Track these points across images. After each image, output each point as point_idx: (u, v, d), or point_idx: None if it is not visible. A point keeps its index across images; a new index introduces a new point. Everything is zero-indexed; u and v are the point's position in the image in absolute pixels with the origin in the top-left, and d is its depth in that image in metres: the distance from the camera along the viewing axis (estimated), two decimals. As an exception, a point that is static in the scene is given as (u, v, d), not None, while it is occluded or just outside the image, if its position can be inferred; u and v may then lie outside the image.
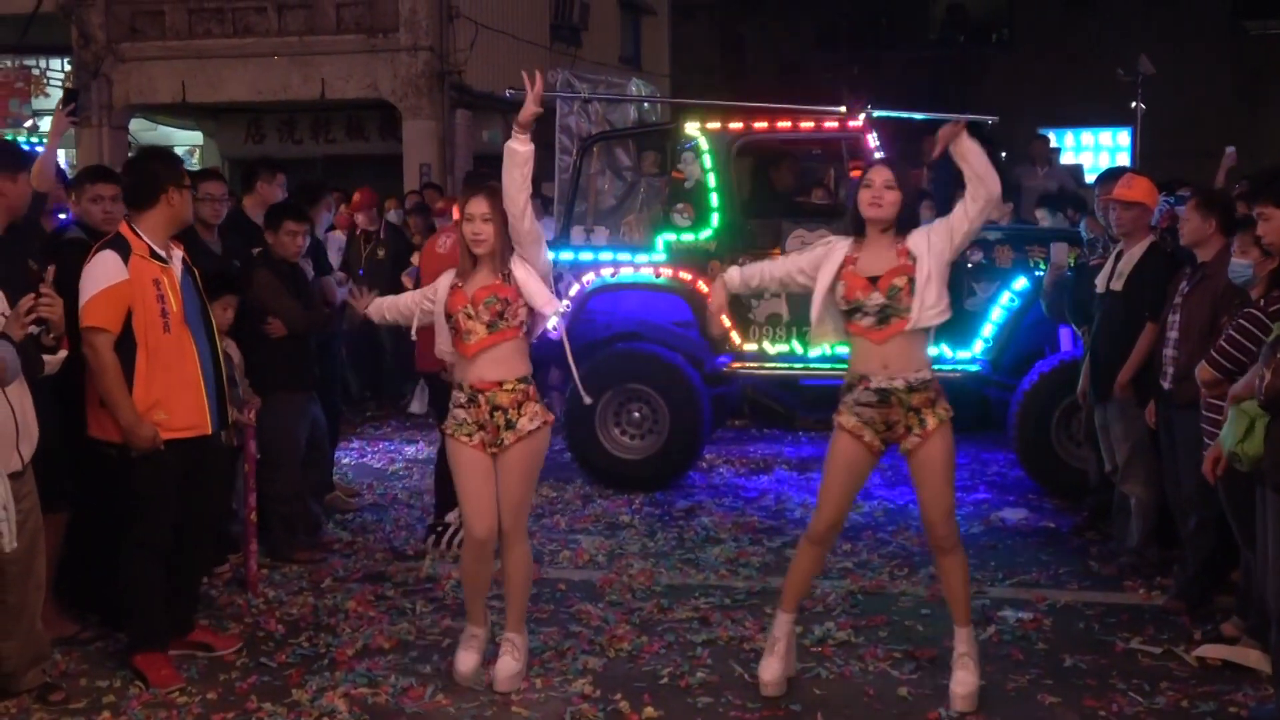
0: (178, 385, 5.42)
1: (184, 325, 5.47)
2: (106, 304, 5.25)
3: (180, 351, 5.45)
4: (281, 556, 7.14)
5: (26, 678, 5.16)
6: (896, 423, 5.06)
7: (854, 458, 5.13)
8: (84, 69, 17.40)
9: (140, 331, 5.31)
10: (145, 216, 5.46)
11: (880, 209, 5.05)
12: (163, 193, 5.48)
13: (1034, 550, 7.40)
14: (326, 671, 5.56)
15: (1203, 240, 6.11)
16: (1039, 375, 8.28)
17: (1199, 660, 5.55)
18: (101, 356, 5.24)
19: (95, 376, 5.27)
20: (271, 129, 19.17)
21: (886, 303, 5.00)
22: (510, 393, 5.25)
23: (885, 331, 5.02)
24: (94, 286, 5.26)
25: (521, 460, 5.27)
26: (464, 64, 17.25)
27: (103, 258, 5.31)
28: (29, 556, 5.02)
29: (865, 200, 5.08)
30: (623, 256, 9.06)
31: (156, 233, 5.46)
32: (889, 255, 5.06)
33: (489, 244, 5.22)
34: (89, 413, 5.44)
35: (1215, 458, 5.15)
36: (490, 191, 5.25)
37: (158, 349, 5.36)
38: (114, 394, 5.26)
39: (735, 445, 10.40)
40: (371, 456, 10.26)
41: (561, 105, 10.17)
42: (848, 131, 8.75)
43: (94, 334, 5.24)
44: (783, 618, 5.33)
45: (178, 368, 5.43)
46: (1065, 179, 13.56)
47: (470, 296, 5.23)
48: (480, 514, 5.28)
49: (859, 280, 5.05)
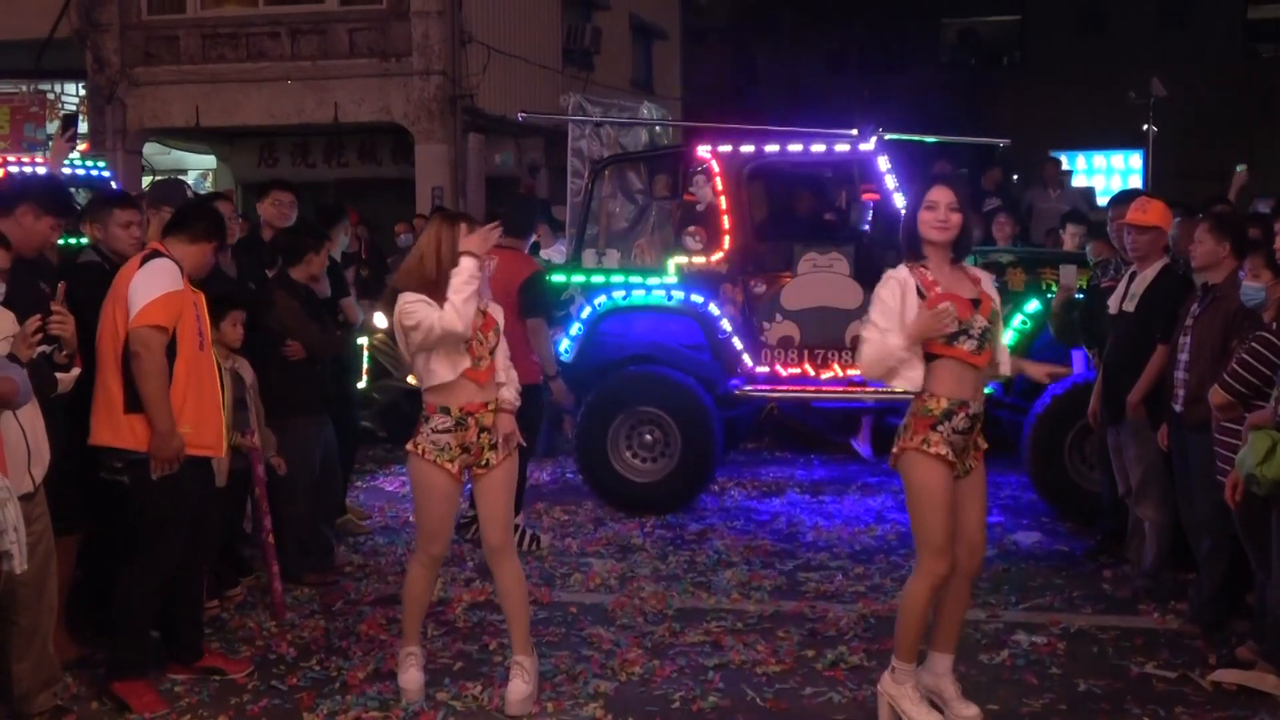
0: (206, 403, 5.55)
1: (210, 348, 5.68)
2: (166, 307, 5.34)
3: (209, 372, 5.63)
4: (293, 579, 7.13)
5: (38, 700, 5.15)
6: (966, 450, 4.95)
7: (949, 484, 4.89)
8: (98, 94, 17.52)
9: (182, 344, 5.43)
10: (186, 249, 5.61)
11: (947, 231, 4.90)
12: (207, 243, 5.68)
13: (1048, 574, 7.37)
14: (338, 695, 5.55)
15: (1216, 263, 6.08)
16: (1051, 398, 8.25)
17: (1214, 684, 5.51)
18: (156, 356, 5.31)
19: (145, 376, 5.30)
20: (285, 153, 19.26)
21: (988, 326, 4.91)
22: (493, 412, 5.37)
23: (983, 357, 4.92)
24: (158, 288, 5.34)
25: (507, 475, 5.42)
26: (476, 88, 17.32)
27: (164, 264, 5.44)
28: (41, 579, 5.02)
29: (930, 222, 4.90)
30: (634, 279, 9.07)
31: (185, 267, 5.58)
32: (966, 281, 4.96)
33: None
34: (95, 421, 5.43)
35: (1234, 482, 5.12)
36: (472, 222, 5.39)
37: (193, 365, 5.48)
38: (158, 395, 5.31)
39: (747, 468, 10.39)
40: (383, 479, 10.27)
41: (574, 129, 10.21)
42: (859, 154, 8.77)
43: (152, 333, 5.30)
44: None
45: (207, 386, 5.59)
46: (1077, 201, 13.55)
47: (479, 325, 5.31)
48: (443, 535, 5.44)
49: (964, 302, 4.87)
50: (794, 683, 5.68)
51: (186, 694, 5.57)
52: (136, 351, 5.30)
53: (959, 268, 5.01)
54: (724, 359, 8.91)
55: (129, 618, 5.50)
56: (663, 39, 25.37)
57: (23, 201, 5.51)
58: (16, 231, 5.39)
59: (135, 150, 17.93)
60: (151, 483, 5.37)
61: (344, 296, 8.01)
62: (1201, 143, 23.06)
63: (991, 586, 7.08)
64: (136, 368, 5.30)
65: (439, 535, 5.41)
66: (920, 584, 4.92)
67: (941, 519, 4.85)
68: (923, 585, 4.92)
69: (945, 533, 4.85)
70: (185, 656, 5.77)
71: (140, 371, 5.31)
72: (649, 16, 24.35)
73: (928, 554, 4.88)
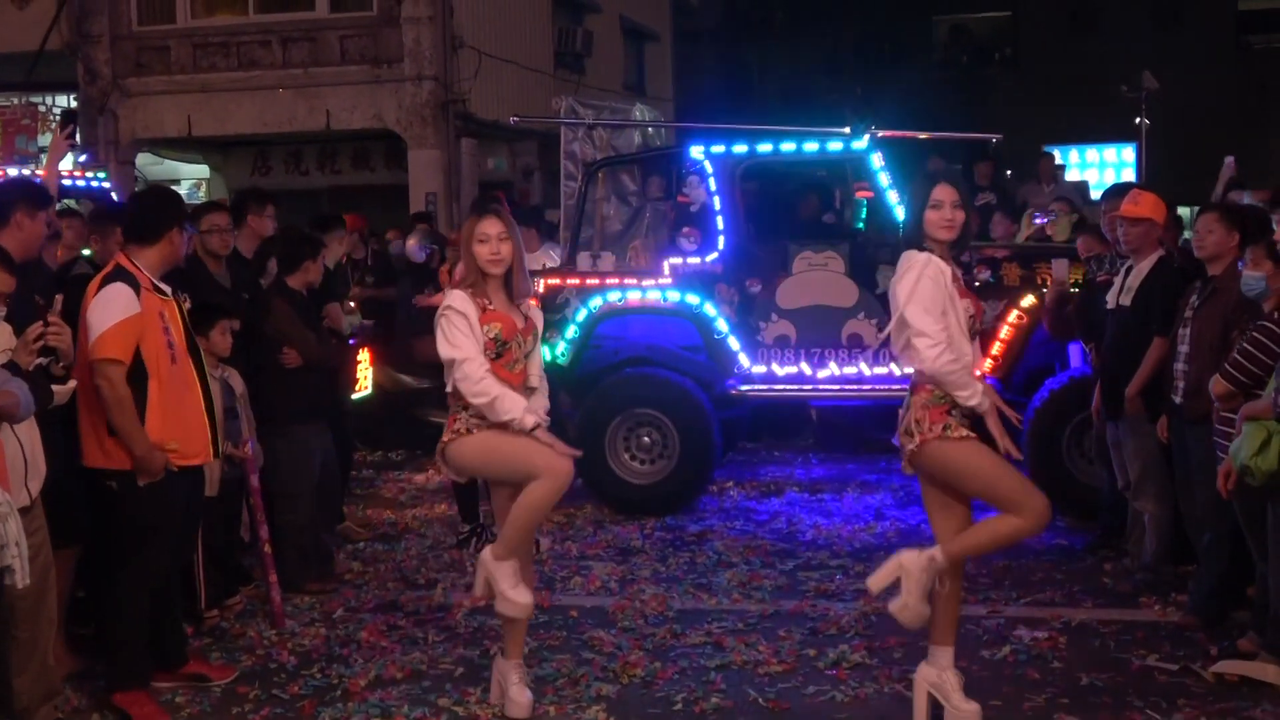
0: (187, 414, 5.53)
1: (187, 356, 5.58)
2: (120, 336, 5.27)
3: (186, 381, 5.56)
4: (293, 587, 7.12)
5: (39, 714, 5.14)
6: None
7: (990, 450, 4.95)
8: (90, 105, 17.48)
9: (151, 363, 5.37)
10: (145, 253, 5.52)
11: (953, 230, 4.96)
12: (166, 232, 5.56)
13: (1048, 569, 7.36)
14: (339, 703, 5.54)
15: (1225, 253, 6.07)
16: (1049, 392, 8.25)
17: (1216, 677, 5.51)
18: (117, 388, 5.26)
19: (110, 408, 5.28)
20: (278, 161, 19.24)
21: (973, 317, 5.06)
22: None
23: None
24: (109, 319, 5.27)
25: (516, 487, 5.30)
26: (469, 93, 17.30)
27: (116, 290, 5.33)
28: (40, 592, 5.01)
29: (937, 222, 4.94)
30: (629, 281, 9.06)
31: (154, 269, 5.53)
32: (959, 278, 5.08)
33: (507, 260, 5.20)
34: (86, 444, 5.43)
35: (1227, 472, 5.12)
36: (498, 213, 5.28)
37: (168, 380, 5.43)
38: (128, 425, 5.28)
39: (746, 468, 10.38)
40: (383, 485, 10.25)
41: (566, 132, 10.22)
42: (852, 153, 8.77)
43: (110, 366, 5.25)
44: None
45: (188, 397, 5.54)
46: (1071, 196, 13.56)
47: (520, 328, 5.22)
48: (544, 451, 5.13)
49: (972, 296, 5.09)
50: (796, 682, 5.68)
51: (187, 704, 5.56)
52: (98, 384, 5.28)
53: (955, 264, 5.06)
54: (720, 359, 8.90)
55: (125, 626, 5.49)
56: (654, 41, 25.35)
57: (16, 208, 5.49)
58: (18, 237, 5.40)
59: (128, 161, 17.87)
60: (140, 491, 5.37)
61: (331, 302, 7.97)
62: (1194, 136, 23.04)
63: (992, 582, 7.08)
64: (102, 400, 5.29)
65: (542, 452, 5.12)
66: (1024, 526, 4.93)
67: (1009, 474, 4.89)
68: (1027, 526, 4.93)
69: (1021, 480, 4.90)
70: (170, 663, 5.76)
71: (104, 404, 5.29)
72: (640, 19, 24.33)
73: (1028, 510, 4.87)
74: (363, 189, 18.53)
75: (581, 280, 9.06)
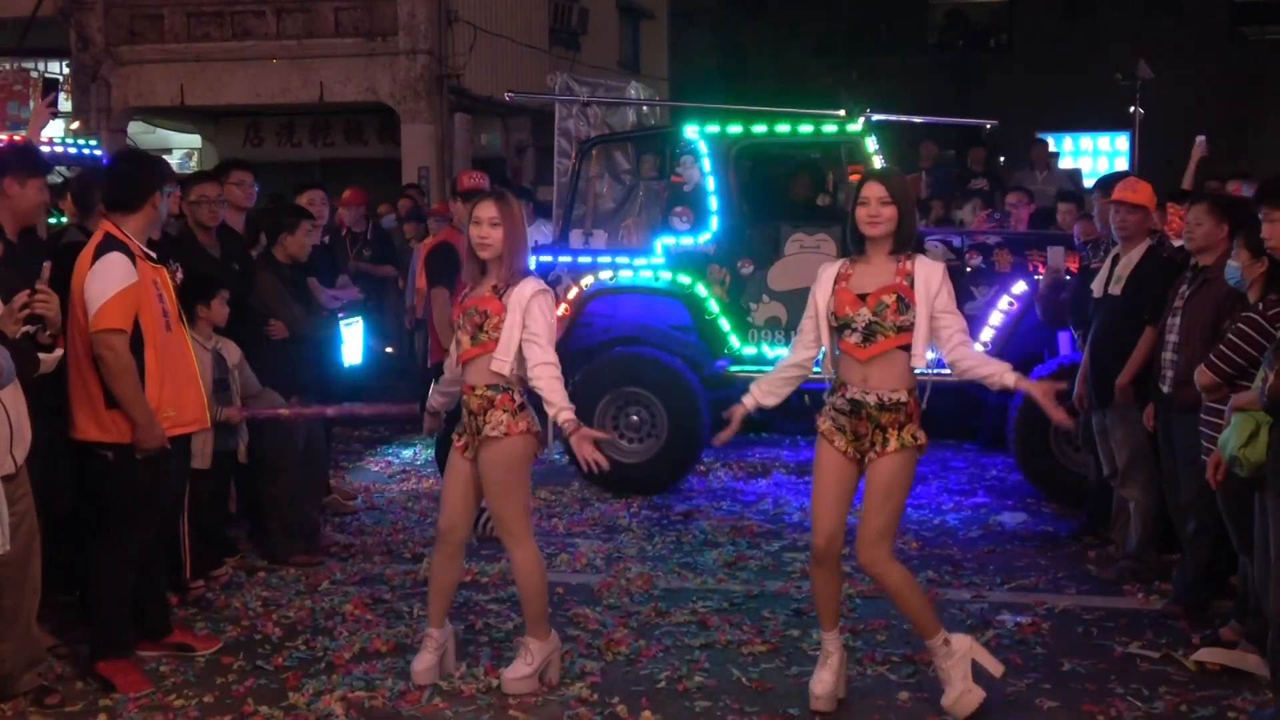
0: (183, 381, 5.53)
1: (180, 323, 5.59)
2: (122, 305, 5.25)
3: (180, 349, 5.57)
4: (279, 560, 7.12)
5: (22, 681, 5.15)
6: (864, 436, 5.00)
7: (833, 463, 5.07)
8: (82, 72, 17.39)
9: (148, 331, 5.36)
10: (130, 219, 5.48)
11: (878, 226, 4.96)
12: (149, 197, 5.52)
13: (1033, 555, 7.39)
14: (324, 675, 5.54)
15: (1214, 244, 6.06)
16: (1038, 379, 8.23)
17: (1198, 665, 5.54)
18: (121, 357, 5.25)
19: (115, 378, 5.25)
20: (270, 132, 19.17)
21: (873, 319, 4.93)
22: (479, 398, 5.27)
23: (869, 350, 4.95)
24: (109, 289, 5.24)
25: (487, 467, 5.30)
26: (463, 68, 17.25)
27: (114, 259, 5.29)
28: (24, 560, 5.00)
29: (863, 218, 4.98)
30: (621, 260, 9.04)
31: (139, 235, 5.50)
32: (886, 273, 4.99)
33: (495, 248, 5.22)
34: (77, 416, 5.39)
35: (1216, 462, 5.13)
36: (498, 196, 5.30)
37: (163, 348, 5.42)
38: (131, 394, 5.27)
39: (733, 449, 10.37)
40: (369, 459, 10.25)
41: (560, 109, 10.17)
42: (847, 135, 8.76)
43: (113, 335, 5.23)
44: (827, 636, 5.24)
45: (181, 364, 5.55)
46: (1064, 183, 13.57)
47: (463, 306, 5.27)
48: (444, 510, 5.42)
49: (849, 295, 4.99)
50: (780, 662, 5.70)
51: (171, 674, 5.56)
52: (101, 355, 5.25)
53: (897, 260, 5.00)
54: (711, 340, 8.89)
55: (108, 596, 5.48)
56: (650, 19, 25.29)
57: (4, 175, 5.44)
58: (7, 204, 5.36)
59: (120, 129, 17.79)
60: (137, 464, 5.35)
61: (310, 276, 7.89)
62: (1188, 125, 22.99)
63: (977, 567, 7.10)
64: (104, 371, 5.26)
65: (441, 510, 5.43)
66: (810, 566, 5.38)
67: (817, 491, 5.19)
68: (810, 566, 5.38)
69: (819, 507, 5.19)
70: (154, 633, 5.77)
71: (108, 374, 5.26)
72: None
73: (812, 531, 5.26)
74: (355, 162, 18.48)
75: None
